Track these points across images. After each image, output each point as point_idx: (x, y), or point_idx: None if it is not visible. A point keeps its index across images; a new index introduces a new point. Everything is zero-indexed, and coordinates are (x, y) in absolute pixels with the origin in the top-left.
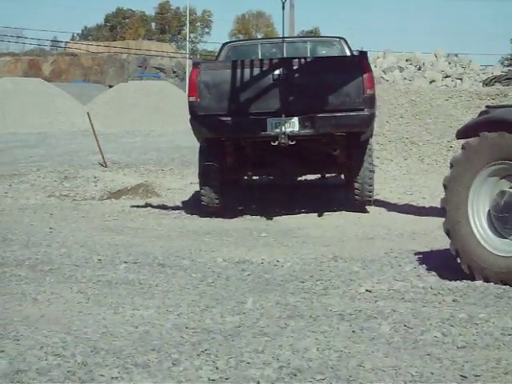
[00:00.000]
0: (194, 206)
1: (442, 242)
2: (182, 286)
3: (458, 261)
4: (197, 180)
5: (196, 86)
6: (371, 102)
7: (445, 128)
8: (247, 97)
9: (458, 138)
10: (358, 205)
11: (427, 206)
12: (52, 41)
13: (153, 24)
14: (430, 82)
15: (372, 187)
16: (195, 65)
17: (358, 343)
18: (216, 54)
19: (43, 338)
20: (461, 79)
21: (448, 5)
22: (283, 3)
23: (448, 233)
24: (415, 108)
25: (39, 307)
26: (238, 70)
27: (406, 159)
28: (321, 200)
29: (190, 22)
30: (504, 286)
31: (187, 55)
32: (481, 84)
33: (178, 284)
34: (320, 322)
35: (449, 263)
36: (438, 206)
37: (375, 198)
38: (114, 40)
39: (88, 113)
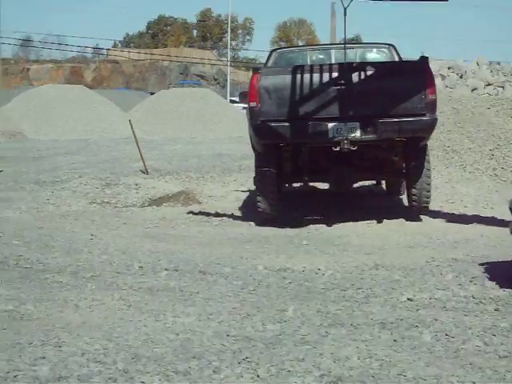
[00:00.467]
0: (234, 213)
1: (484, 251)
2: (223, 293)
3: None
4: (238, 187)
5: (256, 91)
6: (433, 107)
7: (487, 136)
8: (308, 102)
9: None
10: (415, 211)
11: (469, 215)
12: (94, 48)
13: (194, 31)
14: (472, 90)
15: (429, 193)
16: (255, 70)
17: (400, 352)
18: (261, 61)
19: (85, 344)
20: (503, 87)
21: (490, 12)
22: (345, 9)
23: None
24: (457, 116)
25: (81, 314)
26: (299, 76)
27: (448, 167)
28: (362, 208)
29: (231, 30)
30: None
31: (228, 62)
32: None
33: (218, 291)
34: (361, 331)
35: (491, 272)
36: (480, 214)
37: None
38: (156, 47)
39: (130, 120)
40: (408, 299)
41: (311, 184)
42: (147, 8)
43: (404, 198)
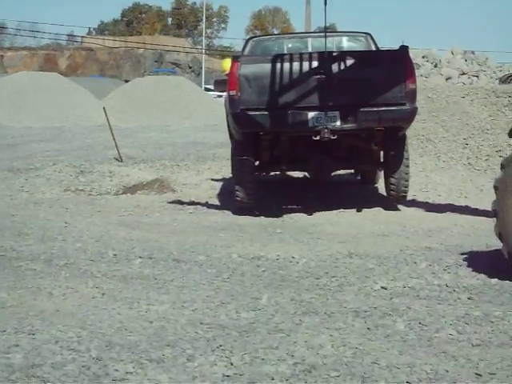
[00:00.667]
0: (209, 201)
1: (458, 240)
2: (197, 281)
3: None
4: (212, 175)
5: (236, 79)
6: (413, 96)
7: (461, 125)
8: (288, 91)
9: (510, 137)
10: (393, 200)
11: (443, 204)
12: (68, 35)
13: (169, 19)
14: (447, 79)
15: (407, 183)
16: (235, 58)
17: (373, 340)
18: (236, 49)
19: (58, 332)
20: (477, 76)
21: (464, 1)
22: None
23: (500, 236)
24: (431, 105)
25: (54, 302)
26: (279, 64)
27: (422, 156)
28: (336, 197)
29: (206, 18)
30: None
31: (203, 50)
32: (497, 81)
33: (193, 279)
34: (335, 319)
35: (463, 261)
36: (454, 203)
37: None
38: (131, 35)
39: (104, 107)
40: (382, 288)
41: (286, 172)
42: None
43: (379, 186)
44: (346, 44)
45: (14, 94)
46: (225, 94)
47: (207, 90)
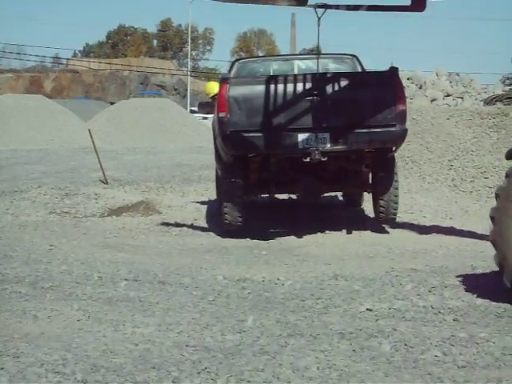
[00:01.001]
0: (194, 223)
1: (443, 261)
2: (183, 303)
3: None
4: (197, 197)
5: (226, 101)
6: (403, 117)
7: (446, 147)
8: (278, 112)
9: (507, 159)
10: (382, 222)
11: (428, 225)
12: (53, 57)
13: (154, 41)
14: (431, 101)
15: (397, 204)
16: (224, 79)
17: (359, 362)
18: (221, 71)
19: (43, 355)
20: (462, 98)
21: (449, 24)
22: (319, 19)
23: (494, 243)
24: (416, 127)
25: (39, 324)
26: (268, 85)
27: (407, 178)
28: (321, 219)
29: (191, 40)
30: (505, 305)
31: (188, 72)
32: (482, 103)
33: (178, 302)
34: (320, 341)
35: (449, 282)
36: (439, 224)
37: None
38: (116, 57)
39: (89, 130)
40: (367, 309)
41: (274, 195)
42: (107, 18)
43: (365, 208)
44: (333, 66)
45: None
46: (211, 116)
47: (192, 112)
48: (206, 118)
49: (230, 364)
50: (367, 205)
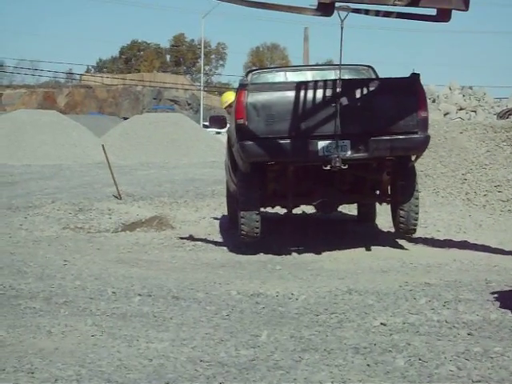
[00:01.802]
0: (208, 238)
1: (457, 275)
2: (197, 318)
3: None
4: (211, 212)
5: (244, 107)
6: (425, 124)
7: (459, 161)
8: (297, 119)
9: None
10: (402, 233)
11: (442, 239)
12: (67, 73)
13: (167, 56)
14: (445, 115)
15: (418, 215)
16: (242, 86)
17: (373, 377)
18: (234, 86)
19: (58, 370)
20: (475, 112)
21: (462, 37)
22: (342, 21)
23: None
24: (430, 141)
25: (53, 340)
26: (287, 92)
27: (421, 192)
28: (335, 233)
29: (204, 55)
30: None
31: (201, 87)
32: (495, 117)
33: (192, 317)
34: (334, 356)
35: (463, 296)
36: (453, 238)
37: (389, 230)
38: (129, 72)
39: (103, 145)
40: (381, 324)
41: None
42: (120, 33)
43: (378, 223)
44: (349, 76)
45: (12, 132)
46: (223, 130)
47: (205, 126)
48: (219, 133)
49: (245, 379)
50: (380, 219)
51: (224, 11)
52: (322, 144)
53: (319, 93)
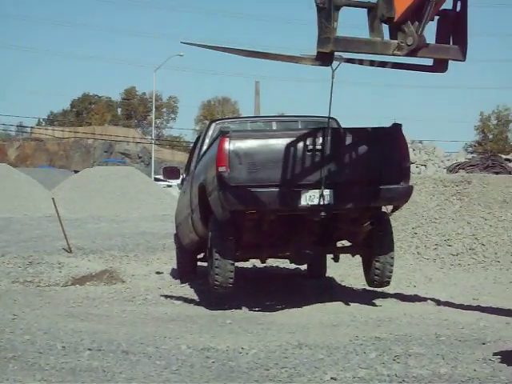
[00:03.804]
0: (158, 292)
1: (407, 329)
2: (146, 373)
3: None
4: (161, 266)
5: (226, 155)
6: (407, 174)
7: (409, 214)
8: (280, 168)
9: None
10: (376, 286)
11: (392, 293)
12: (18, 126)
13: (119, 109)
14: None
15: (392, 267)
16: (224, 133)
17: None
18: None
19: None
20: (425, 166)
21: (413, 92)
22: (333, 71)
23: None
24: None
25: None
26: (271, 140)
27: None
28: (285, 288)
29: (156, 108)
30: (469, 374)
31: (153, 141)
32: (445, 171)
33: (142, 371)
34: None
35: (413, 351)
36: (403, 292)
37: (339, 284)
38: (80, 125)
39: (53, 198)
40: (332, 378)
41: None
42: (71, 86)
43: (332, 275)
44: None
45: None
46: (175, 182)
47: (157, 180)
48: (170, 186)
49: None
50: (330, 272)
51: (176, 65)
52: (304, 193)
53: (302, 142)
